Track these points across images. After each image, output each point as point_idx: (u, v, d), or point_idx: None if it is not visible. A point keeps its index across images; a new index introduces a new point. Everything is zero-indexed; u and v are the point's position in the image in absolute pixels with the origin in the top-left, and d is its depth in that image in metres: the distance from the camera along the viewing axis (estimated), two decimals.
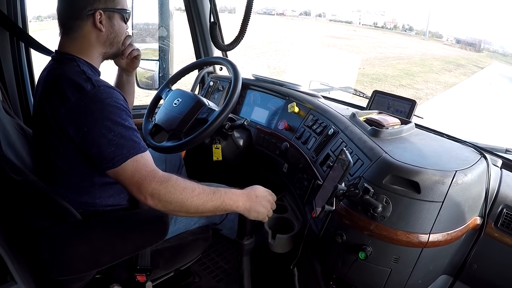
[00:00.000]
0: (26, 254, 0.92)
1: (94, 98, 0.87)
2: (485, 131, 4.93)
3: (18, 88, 1.59)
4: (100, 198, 0.99)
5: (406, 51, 16.40)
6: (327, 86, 1.92)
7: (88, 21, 0.95)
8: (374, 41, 18.41)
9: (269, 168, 1.60)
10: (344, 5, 30.47)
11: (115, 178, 0.89)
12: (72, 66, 0.93)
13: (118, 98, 0.90)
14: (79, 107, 0.86)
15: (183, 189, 0.90)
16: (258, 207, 1.02)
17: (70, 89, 0.86)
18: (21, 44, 1.56)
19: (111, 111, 0.87)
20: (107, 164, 0.86)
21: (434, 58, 15.55)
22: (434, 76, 11.90)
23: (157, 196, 0.86)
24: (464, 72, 13.52)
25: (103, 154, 0.85)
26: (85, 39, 0.96)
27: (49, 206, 0.92)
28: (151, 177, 0.86)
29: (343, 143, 1.15)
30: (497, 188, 0.99)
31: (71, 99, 0.86)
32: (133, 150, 0.87)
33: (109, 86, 0.91)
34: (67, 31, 0.96)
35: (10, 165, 0.88)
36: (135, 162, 0.86)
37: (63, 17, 0.96)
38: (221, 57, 1.86)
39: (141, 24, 1.84)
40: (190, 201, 0.90)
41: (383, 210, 0.89)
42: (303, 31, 19.53)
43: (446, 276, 1.03)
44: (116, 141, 0.85)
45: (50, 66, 0.98)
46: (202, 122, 1.33)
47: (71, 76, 0.89)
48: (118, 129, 0.86)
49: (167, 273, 1.18)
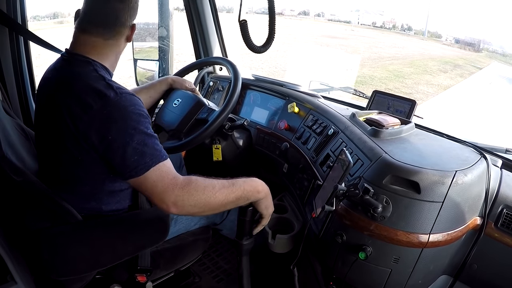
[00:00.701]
0: (26, 254, 0.92)
1: (118, 105, 0.85)
2: (483, 132, 4.89)
3: (18, 88, 1.59)
4: (106, 204, 0.98)
5: (403, 51, 15.73)
6: (327, 86, 1.92)
7: (127, 30, 0.96)
8: (371, 40, 17.89)
9: (269, 168, 1.60)
10: (343, 5, 30.44)
11: (137, 186, 0.88)
12: (89, 70, 0.90)
13: (140, 105, 0.89)
14: (103, 115, 0.84)
15: (204, 188, 0.89)
16: (270, 199, 1.03)
17: (92, 96, 0.84)
18: (21, 44, 1.56)
19: (134, 119, 0.86)
20: (130, 173, 0.85)
21: (431, 58, 14.82)
22: (428, 78, 11.20)
23: (181, 203, 0.86)
24: (461, 73, 12.78)
25: (126, 162, 0.84)
26: (116, 45, 0.96)
27: (50, 207, 0.92)
28: (174, 185, 0.85)
29: (343, 143, 1.15)
30: (497, 188, 1.00)
31: (94, 107, 0.84)
32: (155, 159, 0.85)
33: (130, 93, 0.90)
34: (103, 32, 0.92)
35: (10, 166, 0.88)
36: (158, 170, 0.85)
37: (104, 19, 0.92)
38: (221, 57, 1.86)
39: (141, 23, 1.84)
40: (214, 198, 0.89)
41: (383, 210, 0.89)
42: (298, 31, 19.06)
43: (446, 276, 1.03)
44: (139, 150, 0.84)
45: (59, 66, 0.94)
46: (202, 122, 1.33)
47: (91, 82, 0.87)
48: (142, 137, 0.85)
49: (167, 274, 1.18)
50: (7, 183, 0.88)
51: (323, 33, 17.94)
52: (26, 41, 1.58)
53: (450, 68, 13.30)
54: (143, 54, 1.88)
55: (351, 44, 15.74)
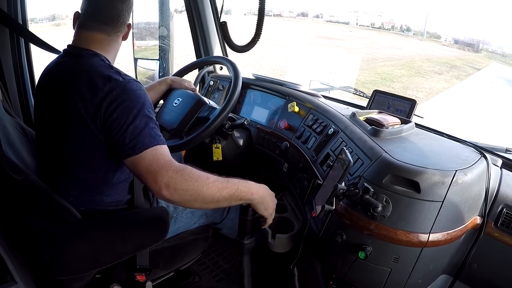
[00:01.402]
0: (26, 254, 0.92)
1: (126, 88, 0.90)
2: (480, 131, 4.82)
3: (18, 88, 1.59)
4: (107, 196, 1.00)
5: (399, 52, 14.91)
6: (327, 86, 1.92)
7: (122, 31, 1.03)
8: (367, 41, 17.12)
9: (269, 168, 1.60)
10: (342, 6, 30.28)
11: (133, 166, 0.89)
12: (97, 60, 0.95)
13: (145, 92, 0.95)
14: (111, 96, 0.88)
15: (198, 176, 0.90)
16: (269, 200, 1.03)
17: (102, 81, 0.89)
18: (21, 44, 1.56)
19: (140, 102, 0.91)
20: (128, 150, 0.87)
21: (427, 59, 13.96)
22: (419, 80, 10.33)
23: (173, 185, 0.86)
24: (457, 74, 11.86)
25: (126, 140, 0.87)
26: (116, 42, 1.02)
27: (49, 206, 0.92)
28: (168, 166, 0.87)
29: (343, 142, 1.15)
30: (497, 187, 0.99)
31: (104, 89, 0.89)
32: (154, 140, 0.89)
33: (136, 80, 0.96)
34: (107, 29, 0.98)
35: (10, 165, 0.88)
36: (154, 151, 0.88)
37: (108, 16, 0.98)
38: (221, 57, 1.87)
39: (143, 23, 1.84)
40: (206, 188, 0.90)
41: (383, 209, 0.89)
42: (293, 32, 18.41)
43: (446, 275, 1.03)
44: (139, 130, 0.88)
45: (64, 60, 0.98)
46: (203, 120, 1.33)
47: (101, 69, 0.92)
48: (144, 119, 0.89)
49: (167, 273, 1.18)
50: (7, 182, 0.88)
51: (317, 34, 17.26)
52: (27, 41, 1.58)
53: (446, 70, 12.51)
54: (149, 51, 1.89)
55: (347, 45, 15.18)
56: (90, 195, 0.98)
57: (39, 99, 1.01)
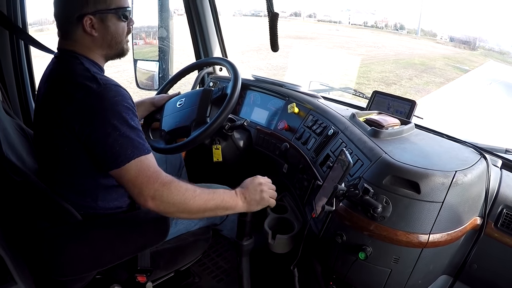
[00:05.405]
0: (26, 254, 0.92)
1: (101, 96, 0.86)
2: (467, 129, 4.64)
3: (18, 88, 1.60)
4: (103, 201, 0.98)
5: (373, 52, 12.69)
6: (327, 87, 1.92)
7: (79, 26, 0.92)
8: (345, 40, 14.97)
9: (269, 169, 1.60)
10: (334, 5, 29.92)
11: (118, 179, 0.88)
12: (75, 64, 0.91)
13: (126, 97, 0.89)
14: (86, 105, 0.85)
15: (186, 190, 0.90)
16: (256, 196, 1.02)
17: (76, 88, 0.86)
18: (21, 44, 1.57)
19: (117, 110, 0.86)
20: (111, 164, 0.85)
21: (397, 60, 11.45)
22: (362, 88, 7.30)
23: (159, 198, 0.86)
24: (425, 82, 9.24)
25: (107, 153, 0.85)
26: (81, 43, 0.94)
27: (50, 207, 0.92)
28: (154, 179, 0.86)
29: (343, 143, 1.15)
30: (497, 188, 1.00)
31: (78, 98, 0.85)
32: (137, 151, 0.86)
33: (116, 84, 0.90)
34: (64, 34, 0.95)
35: (10, 166, 0.88)
36: (139, 163, 0.85)
37: (58, 20, 0.96)
38: (221, 58, 1.86)
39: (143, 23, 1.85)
40: (193, 201, 0.90)
41: (383, 210, 0.89)
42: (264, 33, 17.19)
43: (446, 276, 1.03)
44: (120, 141, 0.84)
45: (52, 64, 0.97)
46: (221, 99, 1.33)
47: (76, 75, 0.88)
48: (124, 128, 0.85)
49: (167, 274, 1.18)
50: (7, 183, 0.88)
51: (289, 34, 14.34)
52: (26, 43, 1.59)
53: (414, 74, 9.86)
54: (153, 53, 1.89)
55: (314, 44, 13.78)
56: (85, 200, 0.97)
57: (36, 103, 1.02)
